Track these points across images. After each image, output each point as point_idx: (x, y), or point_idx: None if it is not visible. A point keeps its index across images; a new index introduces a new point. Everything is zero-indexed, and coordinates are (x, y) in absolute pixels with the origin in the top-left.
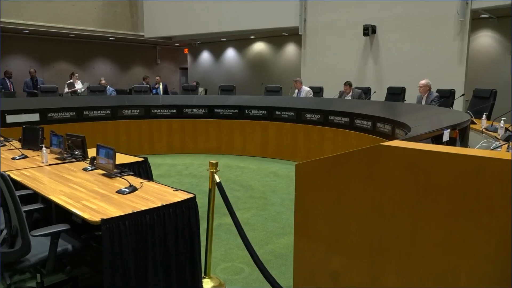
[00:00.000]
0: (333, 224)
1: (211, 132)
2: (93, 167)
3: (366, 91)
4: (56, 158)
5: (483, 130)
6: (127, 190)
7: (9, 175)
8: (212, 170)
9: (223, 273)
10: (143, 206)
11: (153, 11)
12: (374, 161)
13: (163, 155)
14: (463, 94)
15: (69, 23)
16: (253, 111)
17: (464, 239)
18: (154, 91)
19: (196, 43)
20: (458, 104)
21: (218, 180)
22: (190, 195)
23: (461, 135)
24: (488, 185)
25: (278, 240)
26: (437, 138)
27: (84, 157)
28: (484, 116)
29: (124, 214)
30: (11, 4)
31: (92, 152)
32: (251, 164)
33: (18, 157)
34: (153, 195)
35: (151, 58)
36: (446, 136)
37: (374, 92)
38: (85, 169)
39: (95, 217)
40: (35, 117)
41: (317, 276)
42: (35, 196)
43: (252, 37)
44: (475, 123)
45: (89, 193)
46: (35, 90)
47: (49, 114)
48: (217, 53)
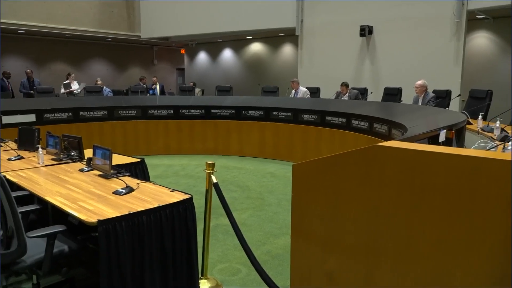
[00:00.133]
0: (329, 224)
1: (208, 132)
2: (90, 168)
3: (363, 92)
4: (52, 159)
5: (479, 130)
6: (124, 191)
7: (5, 176)
8: (209, 171)
9: (220, 273)
10: (140, 207)
11: (150, 12)
12: (371, 161)
13: (160, 155)
14: (459, 95)
15: (66, 24)
16: (250, 112)
17: (459, 239)
18: (151, 91)
19: (193, 44)
20: (454, 104)
21: (215, 180)
22: (187, 196)
23: (457, 136)
24: (484, 185)
25: (275, 240)
26: (433, 139)
27: (80, 158)
28: (480, 116)
29: (120, 215)
30: (7, 4)
31: (88, 153)
32: (248, 164)
33: (14, 158)
34: (150, 196)
35: (148, 59)
36: (442, 137)
37: (371, 92)
38: (81, 170)
39: (92, 218)
40: (31, 117)
41: (313, 276)
42: (31, 197)
43: (249, 37)
44: (471, 124)
45: (85, 194)
46: (31, 91)
47: (45, 115)
48: (214, 53)
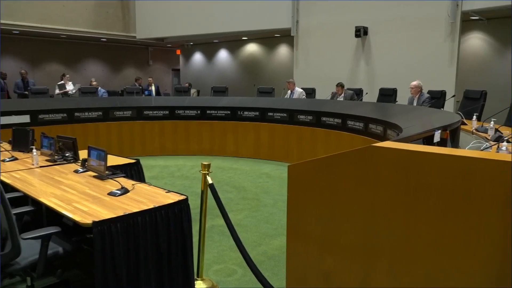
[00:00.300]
0: (325, 224)
1: (203, 133)
2: (85, 169)
3: (358, 92)
4: (47, 160)
5: (474, 131)
6: (119, 192)
7: None
8: (205, 172)
9: (215, 274)
10: (135, 208)
11: (145, 12)
12: (366, 162)
13: (155, 156)
14: (453, 95)
15: (60, 24)
16: (246, 113)
17: (455, 239)
18: (146, 92)
19: (188, 45)
20: (449, 105)
21: (210, 181)
22: (183, 197)
23: (452, 136)
24: (478, 185)
25: (271, 241)
26: (428, 139)
27: (75, 159)
28: (475, 117)
29: (115, 216)
30: (2, 4)
31: (83, 154)
32: (243, 165)
33: (8, 159)
34: (145, 197)
35: (143, 59)
36: (437, 137)
37: (366, 93)
38: (76, 171)
39: (86, 220)
40: (26, 118)
41: (309, 276)
42: (25, 199)
43: (245, 38)
44: (465, 124)
45: (80, 195)
46: (25, 92)
47: (39, 116)
48: (210, 54)
